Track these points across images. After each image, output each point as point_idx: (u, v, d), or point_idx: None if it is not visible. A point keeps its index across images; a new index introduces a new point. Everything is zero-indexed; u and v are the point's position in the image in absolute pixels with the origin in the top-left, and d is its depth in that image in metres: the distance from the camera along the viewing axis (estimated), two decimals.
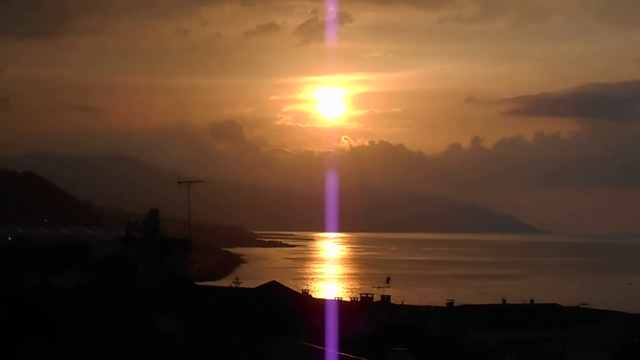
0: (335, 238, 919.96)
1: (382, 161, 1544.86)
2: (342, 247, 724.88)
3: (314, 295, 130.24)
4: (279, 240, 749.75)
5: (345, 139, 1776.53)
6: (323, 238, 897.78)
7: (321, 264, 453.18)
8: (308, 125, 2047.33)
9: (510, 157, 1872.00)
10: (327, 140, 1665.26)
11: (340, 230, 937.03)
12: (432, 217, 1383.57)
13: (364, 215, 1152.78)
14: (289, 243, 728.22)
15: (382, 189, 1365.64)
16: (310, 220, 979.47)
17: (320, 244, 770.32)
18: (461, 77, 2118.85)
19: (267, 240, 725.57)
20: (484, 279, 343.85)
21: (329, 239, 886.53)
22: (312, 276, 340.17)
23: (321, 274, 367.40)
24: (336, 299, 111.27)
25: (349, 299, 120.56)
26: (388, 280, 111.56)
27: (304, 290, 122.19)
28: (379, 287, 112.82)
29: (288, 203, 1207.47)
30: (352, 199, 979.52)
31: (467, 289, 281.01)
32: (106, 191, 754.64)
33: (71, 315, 42.41)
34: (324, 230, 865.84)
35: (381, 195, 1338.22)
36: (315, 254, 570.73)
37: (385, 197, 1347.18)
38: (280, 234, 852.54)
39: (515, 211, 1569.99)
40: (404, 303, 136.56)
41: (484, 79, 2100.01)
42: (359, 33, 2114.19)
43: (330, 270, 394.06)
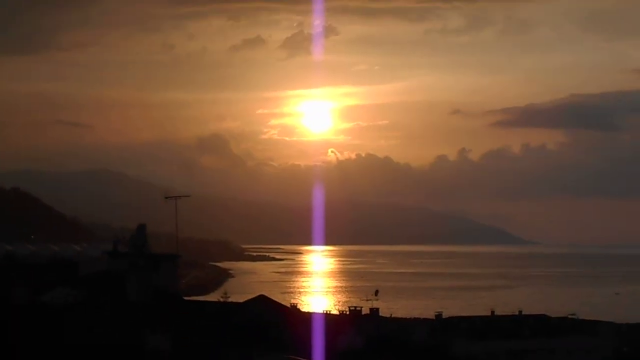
0: (323, 251, 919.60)
1: (369, 174, 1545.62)
2: (330, 260, 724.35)
3: (303, 308, 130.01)
4: (267, 254, 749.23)
5: (332, 152, 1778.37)
6: (310, 251, 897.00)
7: (309, 277, 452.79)
8: (295, 138, 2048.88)
9: (497, 169, 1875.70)
10: (314, 154, 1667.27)
11: (327, 243, 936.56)
12: (420, 229, 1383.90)
13: (351, 227, 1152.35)
14: (277, 257, 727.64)
15: (369, 202, 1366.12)
16: (297, 233, 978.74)
17: (308, 257, 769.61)
18: (447, 89, 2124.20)
19: (255, 254, 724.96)
20: (472, 291, 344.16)
21: (317, 252, 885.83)
22: (301, 290, 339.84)
23: (309, 287, 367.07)
24: (324, 312, 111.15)
25: (337, 312, 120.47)
26: (376, 293, 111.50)
27: (292, 304, 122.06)
28: (367, 300, 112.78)
29: (275, 216, 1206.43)
30: (339, 212, 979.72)
31: (456, 301, 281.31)
32: (94, 207, 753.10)
33: (60, 332, 42.45)
34: (311, 244, 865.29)
35: (368, 208, 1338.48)
36: (303, 268, 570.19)
37: (372, 210, 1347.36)
38: (268, 248, 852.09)
39: (503, 222, 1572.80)
40: (393, 315, 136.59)
41: (470, 90, 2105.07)
42: (345, 46, 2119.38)
43: (318, 284, 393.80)
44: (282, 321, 69.61)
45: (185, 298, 60.27)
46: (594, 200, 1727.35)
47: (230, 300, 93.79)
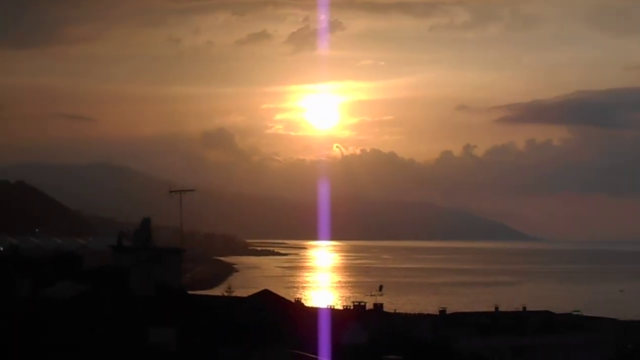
0: (327, 246, 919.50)
1: (374, 169, 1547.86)
2: (334, 255, 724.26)
3: (307, 303, 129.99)
4: (271, 248, 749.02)
5: (337, 147, 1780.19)
6: (315, 246, 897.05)
7: (313, 272, 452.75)
8: (300, 133, 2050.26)
9: (502, 165, 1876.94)
10: (319, 149, 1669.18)
11: (332, 238, 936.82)
12: (424, 225, 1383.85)
13: (355, 223, 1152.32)
14: (281, 251, 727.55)
15: (374, 197, 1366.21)
16: (302, 228, 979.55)
17: (312, 252, 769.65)
18: (452, 85, 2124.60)
19: (259, 248, 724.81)
20: (476, 287, 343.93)
21: (321, 247, 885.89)
22: (305, 285, 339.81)
23: (313, 282, 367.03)
24: (329, 307, 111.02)
25: (341, 308, 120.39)
26: (380, 289, 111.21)
27: (296, 299, 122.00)
28: (371, 295, 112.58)
29: (280, 211, 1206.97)
30: (344, 207, 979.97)
31: (460, 297, 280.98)
32: (98, 200, 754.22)
33: (62, 325, 42.34)
34: (316, 239, 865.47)
35: (373, 203, 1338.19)
36: (308, 263, 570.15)
37: (377, 205, 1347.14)
38: (272, 243, 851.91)
39: (507, 218, 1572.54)
40: (397, 311, 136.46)
41: (475, 86, 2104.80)
42: (351, 41, 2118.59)
43: (322, 279, 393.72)
44: (286, 316, 69.54)
45: (189, 292, 60.08)
46: (599, 196, 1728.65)
47: (234, 294, 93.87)
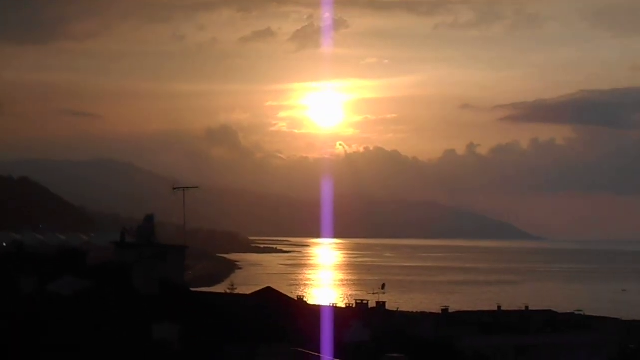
0: (330, 244, 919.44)
1: (377, 167, 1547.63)
2: (337, 253, 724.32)
3: (309, 301, 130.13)
4: (274, 246, 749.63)
5: (341, 145, 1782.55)
6: (318, 244, 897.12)
7: (316, 270, 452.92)
8: (303, 131, 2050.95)
9: (505, 164, 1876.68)
10: (322, 147, 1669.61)
11: (335, 236, 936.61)
12: (427, 223, 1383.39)
13: (358, 221, 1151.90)
14: (284, 249, 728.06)
15: (377, 195, 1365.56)
16: (305, 226, 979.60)
17: (315, 250, 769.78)
18: (456, 84, 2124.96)
19: (262, 246, 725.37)
20: (479, 286, 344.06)
21: (324, 245, 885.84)
22: (307, 282, 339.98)
23: (316, 280, 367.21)
24: (331, 305, 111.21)
25: (344, 306, 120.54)
26: (383, 287, 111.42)
27: (298, 297, 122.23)
28: (374, 294, 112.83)
29: (283, 209, 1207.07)
30: (347, 205, 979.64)
31: (462, 295, 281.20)
32: (101, 197, 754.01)
33: (65, 321, 42.49)
34: (319, 236, 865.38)
35: (376, 201, 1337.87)
36: (310, 260, 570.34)
37: (380, 203, 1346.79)
38: (275, 240, 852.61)
39: (510, 217, 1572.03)
40: (399, 309, 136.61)
41: (479, 85, 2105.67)
42: (355, 39, 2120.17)
43: (325, 277, 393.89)
44: (289, 314, 69.65)
45: (192, 289, 60.22)
46: (602, 196, 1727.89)
47: (237, 292, 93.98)
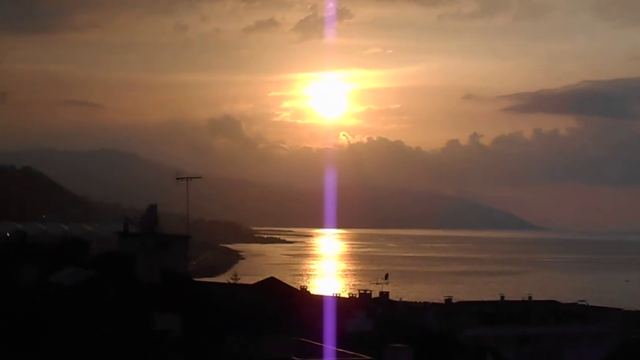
0: (333, 234, 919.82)
1: (380, 157, 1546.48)
2: (340, 244, 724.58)
3: (312, 291, 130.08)
4: (277, 236, 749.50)
5: (344, 135, 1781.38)
6: (321, 234, 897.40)
7: (319, 260, 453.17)
8: (306, 121, 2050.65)
9: (508, 154, 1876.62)
10: (326, 137, 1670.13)
11: (338, 227, 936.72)
12: (430, 214, 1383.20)
13: (362, 211, 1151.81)
14: (287, 239, 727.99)
15: (380, 185, 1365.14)
16: (308, 216, 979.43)
17: (319, 241, 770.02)
18: (460, 74, 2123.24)
19: (265, 236, 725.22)
20: (482, 276, 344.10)
21: (327, 235, 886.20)
22: (310, 272, 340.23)
23: (319, 270, 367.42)
24: (334, 295, 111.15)
25: (347, 296, 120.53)
26: (386, 277, 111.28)
27: (302, 287, 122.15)
28: (377, 284, 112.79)
29: (286, 199, 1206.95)
30: (350, 196, 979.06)
31: (465, 286, 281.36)
32: (104, 187, 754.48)
33: (67, 311, 42.46)
34: (322, 227, 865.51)
35: (379, 192, 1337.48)
36: (313, 251, 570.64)
37: (383, 194, 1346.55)
38: (278, 230, 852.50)
39: (513, 208, 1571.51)
40: (402, 299, 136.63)
41: (483, 75, 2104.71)
42: (358, 29, 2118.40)
43: (328, 267, 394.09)
44: (292, 304, 69.62)
45: (195, 279, 60.21)
46: (605, 186, 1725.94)
47: (240, 282, 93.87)
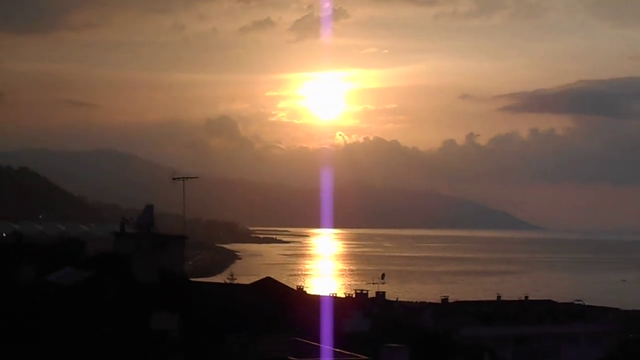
0: (330, 234, 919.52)
1: (377, 157, 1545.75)
2: (337, 243, 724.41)
3: (309, 291, 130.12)
4: (274, 236, 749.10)
5: (340, 135, 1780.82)
6: (318, 234, 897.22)
7: (316, 260, 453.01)
8: (303, 121, 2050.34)
9: (505, 154, 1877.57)
10: (322, 137, 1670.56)
11: (334, 227, 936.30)
12: (427, 213, 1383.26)
13: (358, 211, 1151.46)
14: (284, 239, 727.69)
15: (377, 185, 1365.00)
16: (304, 216, 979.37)
17: (315, 240, 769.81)
18: (456, 74, 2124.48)
19: (262, 236, 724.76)
20: (479, 275, 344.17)
21: (324, 235, 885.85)
22: (307, 272, 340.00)
23: (316, 270, 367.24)
24: (331, 295, 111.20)
25: (343, 295, 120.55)
26: (383, 277, 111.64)
27: (298, 287, 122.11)
28: (373, 284, 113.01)
29: (282, 199, 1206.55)
30: (347, 195, 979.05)
31: (462, 285, 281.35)
32: (101, 187, 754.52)
33: (64, 311, 42.49)
34: (318, 226, 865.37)
35: (376, 191, 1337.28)
36: (310, 250, 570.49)
37: (379, 193, 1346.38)
38: (274, 230, 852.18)
39: (510, 207, 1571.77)
40: (399, 299, 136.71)
41: (479, 75, 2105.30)
42: (355, 29, 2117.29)
43: (324, 267, 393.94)
44: (288, 304, 69.65)
45: (192, 279, 60.23)
46: (602, 186, 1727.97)
47: (236, 282, 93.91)
